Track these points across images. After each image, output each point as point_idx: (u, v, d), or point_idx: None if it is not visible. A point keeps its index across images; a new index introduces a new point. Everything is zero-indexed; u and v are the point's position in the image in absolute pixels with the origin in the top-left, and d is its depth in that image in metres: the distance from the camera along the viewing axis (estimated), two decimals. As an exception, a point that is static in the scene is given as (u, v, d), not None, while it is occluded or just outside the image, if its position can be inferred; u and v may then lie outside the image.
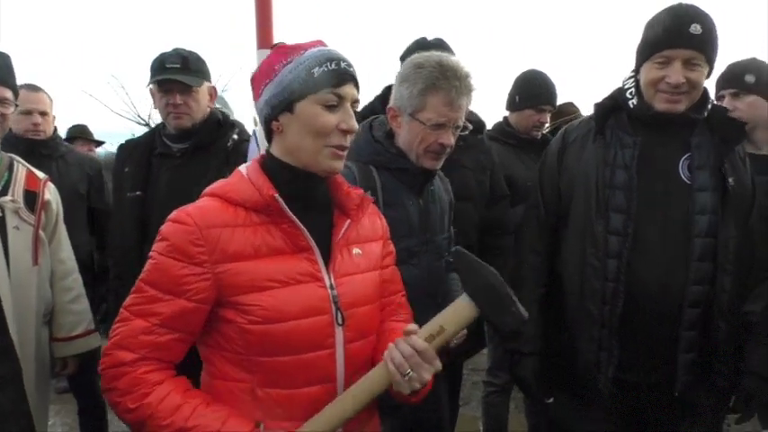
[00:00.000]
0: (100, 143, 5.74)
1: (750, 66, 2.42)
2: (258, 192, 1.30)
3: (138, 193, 2.40)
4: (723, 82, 2.48)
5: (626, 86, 2.00)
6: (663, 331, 1.88)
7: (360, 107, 1.51)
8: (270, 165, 1.37)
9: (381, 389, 1.30)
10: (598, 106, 2.04)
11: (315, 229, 1.35)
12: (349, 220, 1.41)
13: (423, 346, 1.26)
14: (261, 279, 1.27)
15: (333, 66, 1.30)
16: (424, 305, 1.86)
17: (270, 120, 1.35)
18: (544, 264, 2.07)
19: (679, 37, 1.84)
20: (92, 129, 5.54)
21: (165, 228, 1.29)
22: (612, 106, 2.01)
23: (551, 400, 2.11)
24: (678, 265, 1.86)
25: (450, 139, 1.85)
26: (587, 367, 1.93)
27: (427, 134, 1.83)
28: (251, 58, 2.52)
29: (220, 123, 2.50)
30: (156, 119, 12.12)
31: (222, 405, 1.28)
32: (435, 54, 1.86)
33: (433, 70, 1.79)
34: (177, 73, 2.36)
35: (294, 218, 1.30)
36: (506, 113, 3.27)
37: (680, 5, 1.90)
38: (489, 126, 3.21)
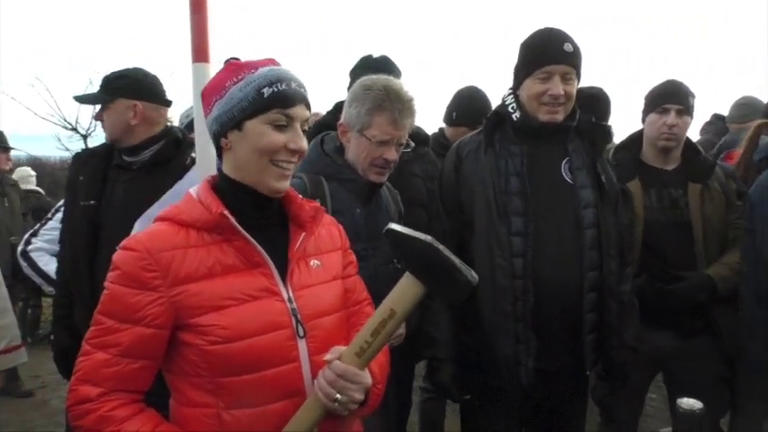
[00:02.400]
0: (9, 149, 5.46)
1: (689, 90, 2.65)
2: (207, 210, 1.30)
3: (91, 202, 2.40)
4: (669, 96, 2.61)
5: (507, 102, 2.22)
6: (569, 317, 2.08)
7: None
8: (221, 184, 1.39)
9: (318, 417, 1.30)
10: (486, 121, 2.23)
11: (270, 244, 1.35)
12: (304, 233, 1.42)
13: (342, 368, 1.26)
14: (216, 298, 1.27)
15: (283, 86, 1.32)
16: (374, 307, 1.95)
17: (219, 136, 1.36)
18: None
19: (556, 54, 2.09)
20: (15, 133, 5.44)
21: (117, 256, 1.27)
22: (498, 121, 2.21)
23: (468, 396, 2.21)
24: (574, 255, 2.08)
25: (393, 155, 2.04)
26: (507, 361, 2.06)
27: (373, 149, 2.01)
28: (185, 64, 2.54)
29: (179, 141, 2.54)
30: (84, 123, 12.40)
31: None
32: (383, 77, 2.06)
33: (379, 93, 1.99)
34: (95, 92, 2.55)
35: (245, 234, 1.31)
36: (443, 125, 3.39)
37: (550, 29, 2.16)
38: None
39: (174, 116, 3.43)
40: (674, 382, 2.69)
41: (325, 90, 5.03)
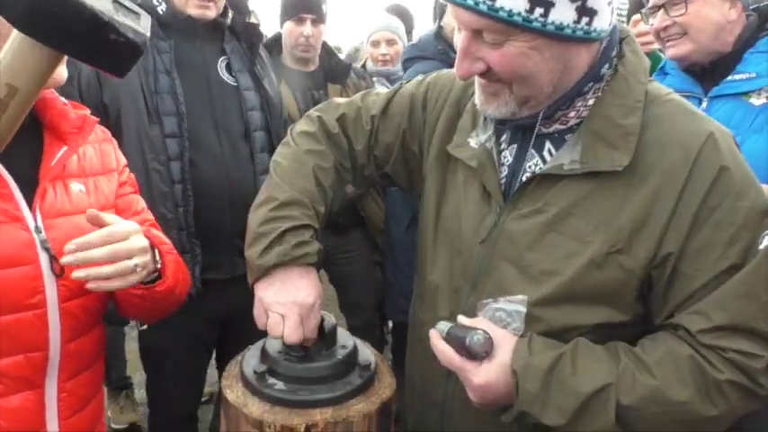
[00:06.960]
0: None
1: None
2: None
3: None
4: (304, 5, 2.56)
5: None
6: (241, 223, 1.96)
7: None
8: None
9: None
10: None
11: (13, 158, 1.06)
12: (65, 147, 1.14)
13: None
14: None
15: None
16: None
17: None
18: None
19: None
20: None
21: None
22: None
23: (145, 327, 1.99)
24: (241, 158, 1.97)
25: None
26: None
27: None
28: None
29: None
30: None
31: None
32: None
33: None
34: None
35: None
36: None
37: None
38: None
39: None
40: (336, 272, 2.90)
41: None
